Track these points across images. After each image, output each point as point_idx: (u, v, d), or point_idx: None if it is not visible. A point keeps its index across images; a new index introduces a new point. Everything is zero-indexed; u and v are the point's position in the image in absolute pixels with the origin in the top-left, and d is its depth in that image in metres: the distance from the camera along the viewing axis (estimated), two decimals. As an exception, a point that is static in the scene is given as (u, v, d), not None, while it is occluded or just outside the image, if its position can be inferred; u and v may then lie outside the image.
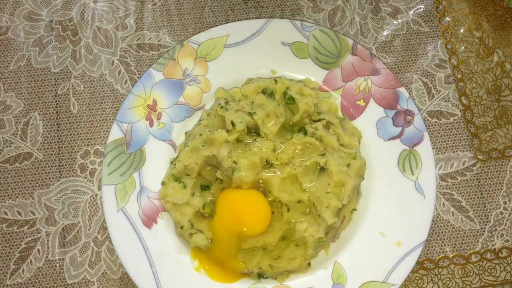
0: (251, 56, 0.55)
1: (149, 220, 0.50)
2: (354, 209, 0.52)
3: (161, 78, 0.53)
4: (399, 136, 0.53)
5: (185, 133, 0.53)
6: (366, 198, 0.52)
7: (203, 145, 0.50)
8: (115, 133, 0.51)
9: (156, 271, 0.49)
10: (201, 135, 0.50)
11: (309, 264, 0.50)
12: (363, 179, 0.52)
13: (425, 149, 0.53)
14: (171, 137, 0.53)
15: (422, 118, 0.55)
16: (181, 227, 0.49)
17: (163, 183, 0.51)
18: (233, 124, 0.50)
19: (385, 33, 0.59)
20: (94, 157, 0.54)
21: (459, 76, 0.58)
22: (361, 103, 0.55)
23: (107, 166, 0.51)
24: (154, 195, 0.51)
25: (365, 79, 0.55)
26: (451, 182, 0.55)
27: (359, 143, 0.53)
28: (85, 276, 0.51)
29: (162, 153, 0.52)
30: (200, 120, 0.53)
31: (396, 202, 0.52)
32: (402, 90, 0.54)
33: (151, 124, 0.53)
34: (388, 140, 0.54)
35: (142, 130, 0.52)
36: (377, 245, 0.51)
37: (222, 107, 0.51)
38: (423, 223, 0.51)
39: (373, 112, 0.54)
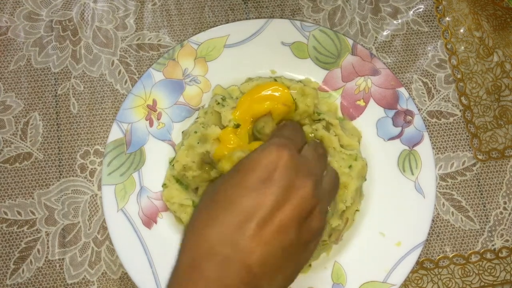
0: (251, 56, 0.55)
1: (149, 220, 0.50)
2: (357, 210, 0.52)
3: (161, 78, 0.53)
4: (399, 136, 0.53)
5: (182, 132, 0.53)
6: (366, 198, 0.52)
7: (198, 143, 0.50)
8: (115, 133, 0.51)
9: (156, 271, 0.49)
10: (196, 132, 0.50)
11: (309, 265, 0.50)
12: (365, 180, 0.52)
13: (425, 149, 0.53)
14: (171, 137, 0.53)
15: (422, 118, 0.55)
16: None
17: (164, 185, 0.51)
18: None
19: (385, 33, 0.59)
20: (94, 157, 0.54)
21: (459, 76, 0.58)
22: (361, 103, 0.55)
23: (107, 166, 0.51)
24: (154, 195, 0.51)
25: (365, 79, 0.55)
26: (451, 182, 0.55)
27: (359, 144, 0.53)
28: (85, 276, 0.51)
29: (162, 153, 0.52)
30: (197, 118, 0.53)
31: (396, 202, 0.52)
32: (402, 90, 0.54)
33: (151, 124, 0.53)
34: (388, 140, 0.53)
35: (142, 130, 0.52)
36: (377, 245, 0.51)
37: (218, 103, 0.51)
38: (423, 223, 0.51)
39: (373, 112, 0.54)
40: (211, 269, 0.33)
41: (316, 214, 0.37)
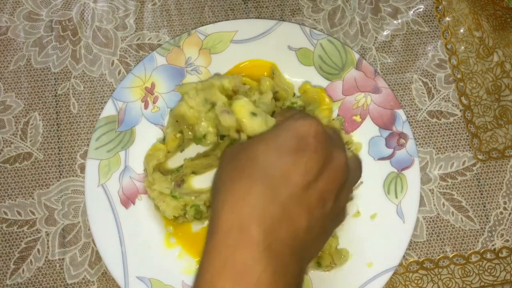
0: (256, 55, 0.55)
1: (128, 200, 0.51)
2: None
3: (163, 63, 0.54)
4: (389, 157, 0.53)
5: (170, 110, 0.53)
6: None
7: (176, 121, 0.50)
8: (108, 110, 0.52)
9: (125, 251, 0.49)
10: (171, 110, 0.51)
11: None
12: (352, 199, 0.51)
13: (413, 174, 0.52)
14: (163, 122, 0.53)
15: (422, 118, 0.55)
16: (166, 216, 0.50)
17: (145, 170, 0.51)
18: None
19: (385, 33, 0.59)
20: (94, 157, 0.54)
21: (459, 76, 0.58)
22: (357, 118, 0.54)
23: (95, 140, 0.51)
24: (136, 177, 0.51)
25: (365, 95, 0.54)
26: (451, 182, 0.55)
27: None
28: (85, 276, 0.51)
29: (152, 136, 0.52)
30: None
31: (375, 223, 0.51)
32: (400, 112, 0.53)
33: (145, 107, 0.53)
34: (378, 160, 0.53)
35: (136, 111, 0.52)
36: (348, 263, 0.50)
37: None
38: (398, 248, 0.50)
39: (368, 130, 0.54)
40: (260, 233, 0.31)
41: (346, 189, 0.36)
